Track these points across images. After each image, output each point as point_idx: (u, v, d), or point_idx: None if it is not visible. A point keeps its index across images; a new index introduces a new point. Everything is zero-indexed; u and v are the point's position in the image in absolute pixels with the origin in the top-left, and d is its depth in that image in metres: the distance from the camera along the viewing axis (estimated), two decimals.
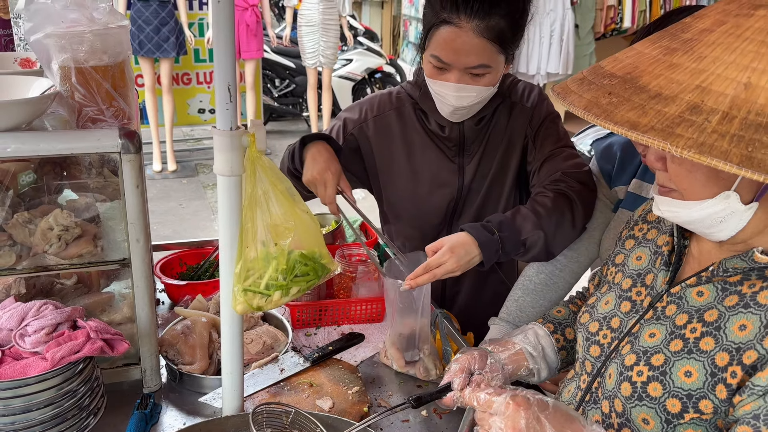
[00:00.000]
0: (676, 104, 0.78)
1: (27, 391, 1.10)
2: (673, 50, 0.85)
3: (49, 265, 1.30)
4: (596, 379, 1.09)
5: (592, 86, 0.89)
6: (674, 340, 0.97)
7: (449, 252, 1.38)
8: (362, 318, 1.73)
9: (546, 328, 1.30)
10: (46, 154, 1.21)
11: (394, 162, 1.76)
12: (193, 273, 1.89)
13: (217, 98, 1.07)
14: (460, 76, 1.49)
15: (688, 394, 0.93)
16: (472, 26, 1.43)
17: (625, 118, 0.80)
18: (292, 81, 7.56)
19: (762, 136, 0.72)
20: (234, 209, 1.13)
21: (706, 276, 0.98)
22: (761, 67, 0.77)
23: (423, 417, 1.39)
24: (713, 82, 0.78)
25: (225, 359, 1.25)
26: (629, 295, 1.10)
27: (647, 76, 0.84)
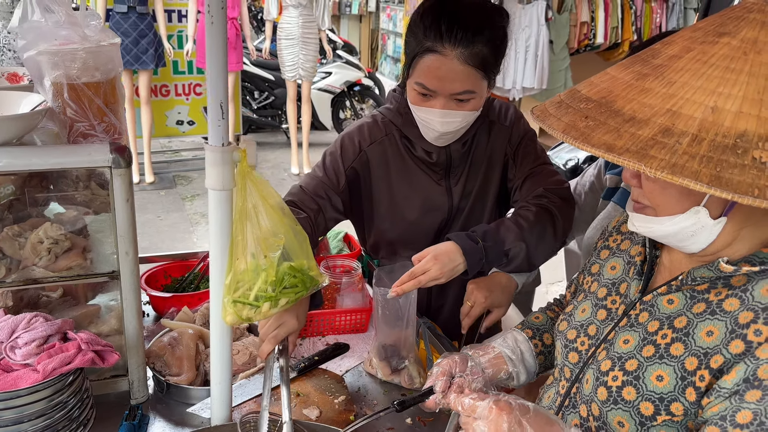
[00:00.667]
0: (649, 127, 0.84)
1: (18, 402, 1.11)
2: (644, 75, 0.91)
3: (38, 277, 1.31)
4: (575, 385, 1.14)
5: (569, 110, 0.94)
6: (646, 345, 1.02)
7: (434, 259, 1.43)
8: (347, 328, 1.76)
9: (525, 334, 1.35)
10: (38, 168, 1.23)
11: (390, 188, 1.76)
12: (177, 285, 1.91)
13: (209, 115, 1.10)
14: (446, 102, 1.52)
15: (660, 397, 0.98)
16: (456, 54, 1.46)
17: (601, 140, 0.86)
18: (271, 93, 7.59)
19: (729, 157, 0.78)
20: (225, 222, 1.17)
21: (675, 285, 1.03)
22: (726, 92, 0.83)
23: (408, 425, 1.43)
24: (683, 106, 0.83)
25: (214, 369, 1.28)
26: (605, 303, 1.16)
27: (621, 101, 0.89)
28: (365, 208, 1.81)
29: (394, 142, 1.74)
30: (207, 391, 1.45)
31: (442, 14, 1.47)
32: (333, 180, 1.71)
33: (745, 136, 0.79)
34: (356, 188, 1.76)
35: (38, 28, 1.19)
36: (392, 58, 9.42)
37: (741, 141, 0.79)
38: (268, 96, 7.62)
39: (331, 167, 1.73)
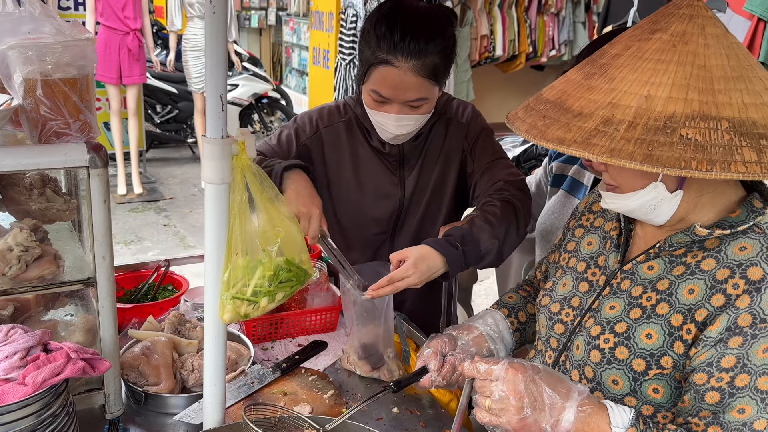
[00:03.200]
0: (592, 119, 0.95)
1: (8, 418, 1.03)
2: (591, 74, 1.02)
3: (7, 288, 1.22)
4: (563, 353, 1.22)
5: (532, 112, 1.06)
6: (633, 309, 1.11)
7: (413, 267, 1.42)
8: (316, 328, 1.76)
9: (501, 313, 1.43)
10: (9, 170, 1.15)
11: (342, 172, 1.81)
12: (132, 296, 1.82)
13: (208, 107, 1.09)
14: (400, 108, 1.59)
15: (650, 353, 1.07)
16: (409, 66, 1.51)
17: (554, 135, 0.98)
18: (174, 107, 7.34)
19: (659, 137, 0.90)
20: (222, 217, 1.15)
21: (653, 252, 1.13)
22: (658, 81, 0.94)
23: (395, 414, 1.45)
24: (621, 98, 0.95)
25: (208, 371, 1.24)
26: (585, 276, 1.24)
27: (572, 99, 1.01)
28: (319, 187, 1.80)
29: (351, 128, 1.79)
30: (188, 398, 1.41)
31: (394, 25, 1.51)
32: (284, 149, 1.76)
33: (673, 118, 0.91)
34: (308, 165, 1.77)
35: (8, 20, 1.12)
36: (298, 71, 9.40)
37: (670, 122, 0.91)
38: (171, 110, 7.36)
39: (285, 139, 1.78)
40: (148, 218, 5.87)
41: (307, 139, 1.78)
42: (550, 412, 1.00)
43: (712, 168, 0.87)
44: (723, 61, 0.95)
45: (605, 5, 4.53)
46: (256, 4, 10.92)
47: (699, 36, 0.97)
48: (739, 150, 0.89)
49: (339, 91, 6.69)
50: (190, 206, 6.20)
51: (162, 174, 7.10)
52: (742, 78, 0.95)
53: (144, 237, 5.44)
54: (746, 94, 0.93)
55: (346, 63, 6.50)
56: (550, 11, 6.96)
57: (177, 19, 6.25)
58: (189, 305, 1.76)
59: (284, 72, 10.04)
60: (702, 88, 0.93)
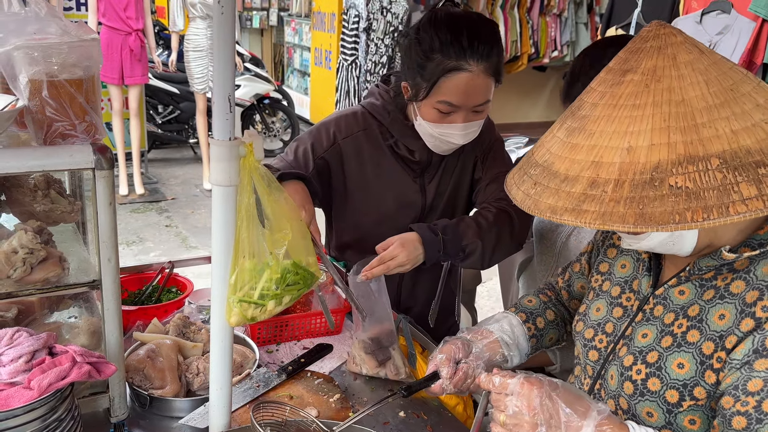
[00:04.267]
0: (579, 183, 0.90)
1: (13, 423, 1.02)
2: (573, 130, 0.96)
3: (12, 291, 1.21)
4: (597, 381, 1.18)
5: (524, 177, 1.01)
6: (665, 337, 1.06)
7: (401, 247, 1.51)
8: (321, 331, 1.75)
9: (518, 317, 1.40)
10: (16, 171, 1.14)
11: (364, 182, 1.77)
12: (136, 299, 1.81)
13: (215, 108, 1.08)
14: (466, 115, 1.56)
15: (683, 383, 1.02)
16: (481, 69, 1.50)
17: (546, 205, 0.93)
18: (176, 107, 7.33)
19: (648, 192, 0.84)
20: (229, 219, 1.14)
21: (684, 276, 1.07)
22: (636, 129, 0.87)
23: (401, 418, 1.44)
24: (603, 155, 0.89)
25: (214, 374, 1.23)
26: (620, 301, 1.19)
27: (558, 161, 0.95)
28: (336, 202, 1.82)
29: (372, 136, 1.75)
30: (193, 402, 1.40)
31: (458, 31, 1.51)
32: (301, 164, 1.71)
33: (659, 167, 0.84)
34: (325, 180, 1.76)
35: (14, 21, 1.11)
36: (299, 72, 9.39)
37: (657, 173, 0.84)
38: (173, 110, 7.35)
39: (302, 154, 1.73)
40: (150, 219, 5.86)
41: (324, 152, 1.74)
42: (565, 430, 0.95)
43: (708, 216, 0.81)
44: (702, 90, 0.88)
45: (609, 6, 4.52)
46: (257, 5, 10.91)
47: (671, 68, 0.90)
48: (736, 188, 0.82)
49: (341, 91, 6.70)
50: (192, 207, 6.19)
51: (164, 174, 7.09)
52: (727, 102, 0.87)
53: (146, 238, 5.43)
54: (734, 119, 0.86)
55: (348, 64, 6.50)
56: (553, 12, 6.97)
57: (179, 20, 6.24)
58: (193, 307, 1.75)
59: (286, 73, 10.04)
60: (684, 126, 0.86)
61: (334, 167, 1.76)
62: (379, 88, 1.78)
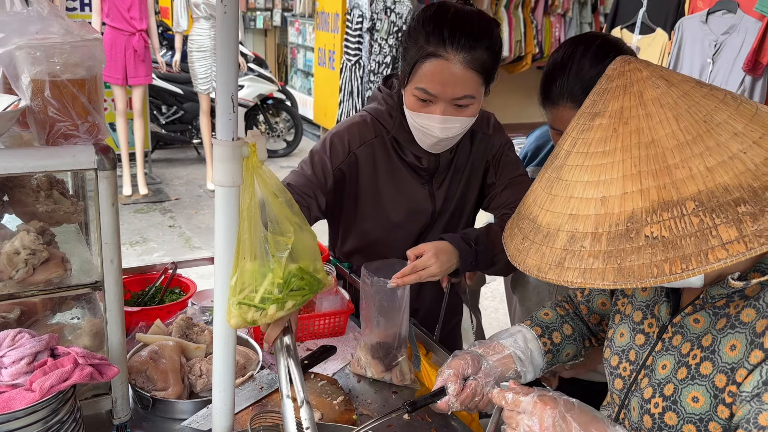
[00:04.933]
0: (559, 238, 0.86)
1: (15, 425, 1.01)
2: (551, 180, 0.93)
3: (15, 292, 1.20)
4: (621, 411, 1.15)
5: (515, 230, 0.99)
6: (680, 368, 1.02)
7: (434, 257, 1.47)
8: (325, 332, 1.74)
9: (534, 332, 1.35)
10: (18, 172, 1.13)
11: (376, 189, 1.75)
12: (139, 299, 1.80)
13: (218, 108, 1.07)
14: (445, 108, 1.53)
15: (699, 418, 0.98)
16: (459, 59, 1.48)
17: (531, 263, 0.90)
18: (180, 108, 7.33)
19: (625, 245, 0.80)
20: (231, 220, 1.13)
21: (698, 303, 1.03)
22: (608, 178, 0.84)
23: (406, 420, 1.43)
24: (579, 207, 0.86)
25: (217, 376, 1.22)
26: (642, 327, 1.15)
27: (541, 214, 0.92)
28: (346, 209, 1.79)
29: (382, 143, 1.72)
30: (196, 404, 1.39)
31: (443, 21, 1.49)
32: (321, 179, 1.68)
33: (633, 217, 0.81)
34: (341, 189, 1.74)
35: (16, 20, 1.10)
36: (303, 72, 9.38)
37: (632, 224, 0.81)
38: (176, 110, 7.35)
39: (320, 166, 1.69)
40: (154, 219, 5.86)
41: (341, 163, 1.71)
42: None
43: (687, 266, 0.77)
44: (672, 127, 0.83)
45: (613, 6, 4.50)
46: (261, 5, 10.91)
47: (638, 107, 0.86)
48: (714, 231, 0.77)
49: (344, 92, 6.69)
50: (196, 207, 6.19)
51: (167, 175, 7.10)
52: (700, 137, 0.82)
53: (149, 238, 5.43)
54: (708, 155, 0.81)
55: (352, 64, 6.50)
56: (557, 12, 6.95)
57: (183, 20, 6.24)
58: (197, 308, 1.74)
59: (289, 73, 10.04)
60: (655, 170, 0.82)
61: (349, 176, 1.73)
62: (381, 92, 1.76)
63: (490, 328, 4.01)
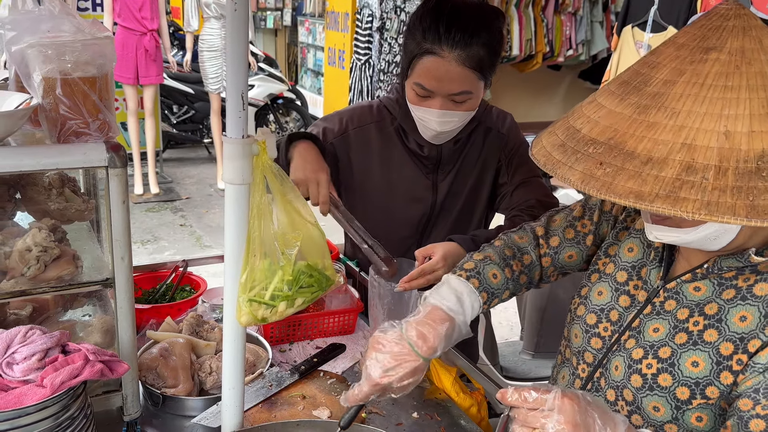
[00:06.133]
0: (669, 167, 0.81)
1: (26, 421, 1.02)
2: (645, 108, 0.87)
3: (26, 288, 1.21)
4: (598, 369, 1.15)
5: (578, 155, 0.90)
6: (678, 333, 1.04)
7: (443, 260, 1.46)
8: (335, 330, 1.74)
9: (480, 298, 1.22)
10: (30, 169, 1.14)
11: (371, 174, 1.79)
12: (150, 297, 1.81)
13: (228, 106, 1.07)
14: (443, 103, 1.55)
15: (695, 382, 1.01)
16: (454, 56, 1.49)
17: (626, 189, 0.81)
18: (191, 107, 7.37)
19: (757, 183, 0.78)
20: (242, 218, 1.13)
21: (701, 273, 1.04)
22: (732, 113, 0.81)
23: (415, 419, 1.43)
24: (696, 138, 0.81)
25: (226, 374, 1.22)
26: (627, 288, 1.15)
27: (631, 140, 0.85)
28: (344, 193, 1.83)
29: (384, 129, 1.76)
30: (206, 401, 1.39)
31: (440, 17, 1.50)
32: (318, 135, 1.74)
33: (765, 157, 0.79)
34: (334, 167, 1.75)
35: (29, 18, 1.11)
36: (313, 72, 9.40)
37: (762, 163, 0.78)
38: (187, 110, 7.39)
39: (317, 129, 1.77)
40: (165, 218, 5.89)
41: (334, 138, 1.77)
42: None
43: None
44: None
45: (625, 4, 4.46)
46: (271, 5, 10.94)
47: (759, 52, 0.84)
48: None
49: (354, 91, 6.69)
50: (206, 206, 6.22)
51: (178, 174, 7.13)
52: None
53: (160, 236, 5.46)
54: None
55: (362, 63, 6.49)
56: (568, 11, 6.90)
57: (194, 20, 6.27)
58: (207, 306, 1.75)
59: (299, 73, 10.05)
60: None
61: (341, 156, 1.78)
62: (397, 84, 1.79)
63: (500, 327, 4.00)
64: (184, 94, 7.28)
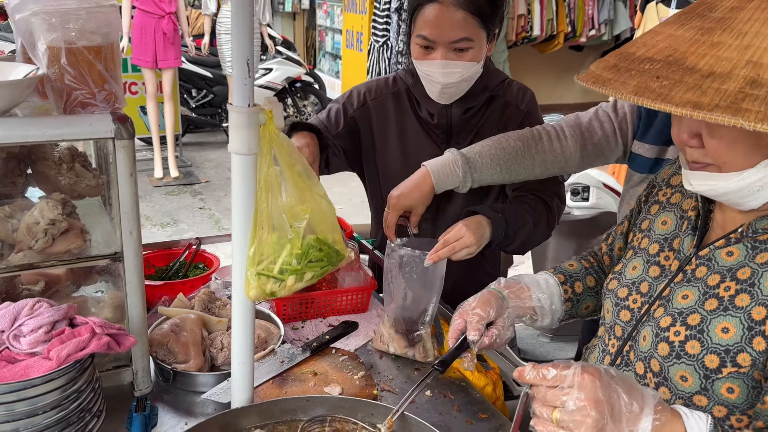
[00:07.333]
0: (732, 81, 0.79)
1: (32, 393, 1.01)
2: (709, 30, 0.86)
3: (35, 262, 1.20)
4: (627, 343, 1.11)
5: (632, 72, 0.89)
6: (709, 299, 1.00)
7: (464, 227, 1.48)
8: (347, 309, 1.72)
9: (557, 278, 1.32)
10: (35, 140, 1.13)
11: (388, 144, 1.81)
12: (163, 274, 1.81)
13: (234, 73, 1.04)
14: (446, 53, 1.57)
15: (725, 349, 0.96)
16: (452, 1, 1.52)
17: (684, 98, 0.80)
18: (209, 91, 7.38)
19: None
20: (249, 190, 1.11)
21: (735, 237, 1.01)
22: None
23: (428, 397, 1.40)
24: (762, 56, 0.80)
25: (236, 349, 1.21)
26: (657, 259, 1.13)
27: (692, 57, 0.85)
28: (365, 165, 1.86)
29: (400, 100, 1.79)
30: (217, 376, 1.38)
31: None
32: (332, 123, 1.78)
33: None
34: (356, 140, 1.82)
35: None
36: (331, 55, 9.34)
37: None
38: (206, 94, 7.40)
39: (334, 113, 1.80)
40: (184, 201, 5.92)
41: (354, 112, 1.81)
42: (626, 422, 0.85)
43: None
44: None
45: None
46: None
47: None
48: None
49: (372, 73, 6.62)
50: (225, 189, 6.23)
51: (198, 158, 7.16)
52: None
53: (180, 219, 5.50)
54: None
55: (380, 45, 6.43)
56: None
57: (212, 3, 6.25)
58: (219, 283, 1.74)
59: (318, 56, 10.01)
60: None
61: (362, 128, 1.82)
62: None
63: None
64: (203, 78, 7.29)
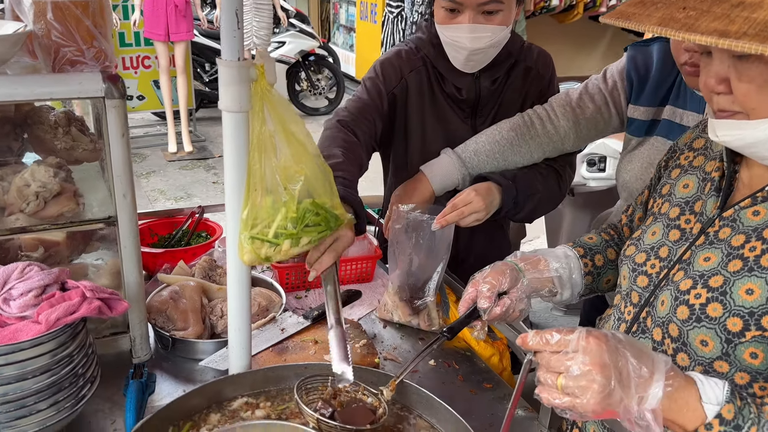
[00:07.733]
0: (764, 9, 0.75)
1: (21, 357, 0.99)
2: None
3: (27, 225, 1.18)
4: (644, 309, 1.06)
5: (658, 5, 0.84)
6: (733, 260, 0.94)
7: (474, 192, 1.45)
8: (353, 278, 1.68)
9: (576, 252, 1.27)
10: (23, 99, 1.09)
11: (422, 119, 1.70)
12: (165, 243, 1.78)
13: (222, 25, 0.99)
14: (473, 16, 1.48)
15: (750, 311, 0.90)
16: None
17: (710, 27, 0.76)
18: None
19: None
20: (241, 149, 1.06)
21: (762, 196, 0.96)
22: None
23: (431, 366, 1.37)
24: None
25: (232, 315, 1.18)
26: (678, 223, 1.07)
27: None
28: (395, 141, 1.74)
29: (427, 72, 1.68)
30: (216, 344, 1.36)
31: None
32: (377, 103, 1.64)
33: None
34: (392, 117, 1.70)
35: None
36: (345, 28, 9.23)
37: None
38: None
39: (374, 91, 1.65)
40: (198, 175, 5.92)
41: (394, 88, 1.66)
42: (635, 388, 0.81)
43: None
44: None
45: None
46: None
47: None
48: None
49: (386, 45, 6.50)
50: None
51: (211, 133, 7.13)
52: None
53: (193, 193, 5.49)
54: None
55: (394, 16, 6.29)
56: None
57: None
58: (221, 251, 1.71)
59: (332, 29, 9.89)
60: None
61: (399, 103, 1.69)
62: (425, 22, 1.69)
63: None
64: (216, 52, 7.22)
